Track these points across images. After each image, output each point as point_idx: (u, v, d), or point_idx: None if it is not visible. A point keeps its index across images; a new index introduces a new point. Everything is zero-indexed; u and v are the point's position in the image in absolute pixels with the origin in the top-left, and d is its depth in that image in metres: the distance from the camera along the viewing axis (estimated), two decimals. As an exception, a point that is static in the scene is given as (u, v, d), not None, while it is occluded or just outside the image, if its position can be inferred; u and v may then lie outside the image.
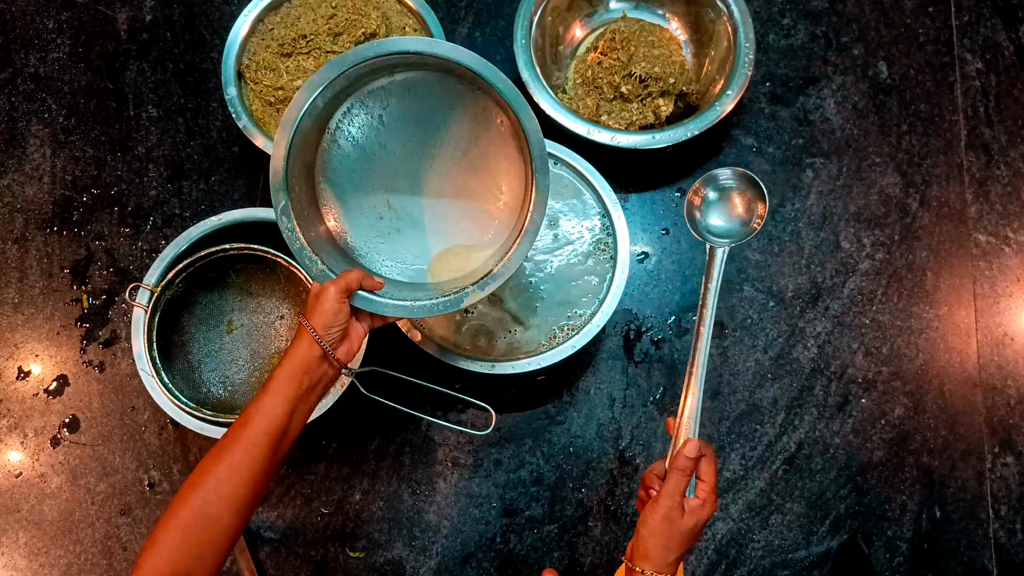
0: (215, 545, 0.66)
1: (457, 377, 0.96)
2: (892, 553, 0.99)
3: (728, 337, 1.06)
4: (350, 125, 0.83)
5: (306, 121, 0.77)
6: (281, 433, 0.70)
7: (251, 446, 0.68)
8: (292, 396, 0.71)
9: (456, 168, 0.87)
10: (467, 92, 0.82)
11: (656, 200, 1.11)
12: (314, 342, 0.72)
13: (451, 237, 0.88)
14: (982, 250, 1.10)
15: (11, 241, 1.09)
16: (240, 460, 0.68)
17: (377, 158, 0.85)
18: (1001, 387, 1.05)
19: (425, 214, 0.88)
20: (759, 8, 1.19)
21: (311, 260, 0.78)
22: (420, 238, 0.88)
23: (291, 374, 0.72)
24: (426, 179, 0.87)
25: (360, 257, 0.86)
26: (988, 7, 1.20)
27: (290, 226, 0.78)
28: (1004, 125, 1.15)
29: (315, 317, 0.73)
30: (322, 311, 0.73)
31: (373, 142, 0.84)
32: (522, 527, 0.99)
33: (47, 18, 1.19)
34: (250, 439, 0.69)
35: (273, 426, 0.70)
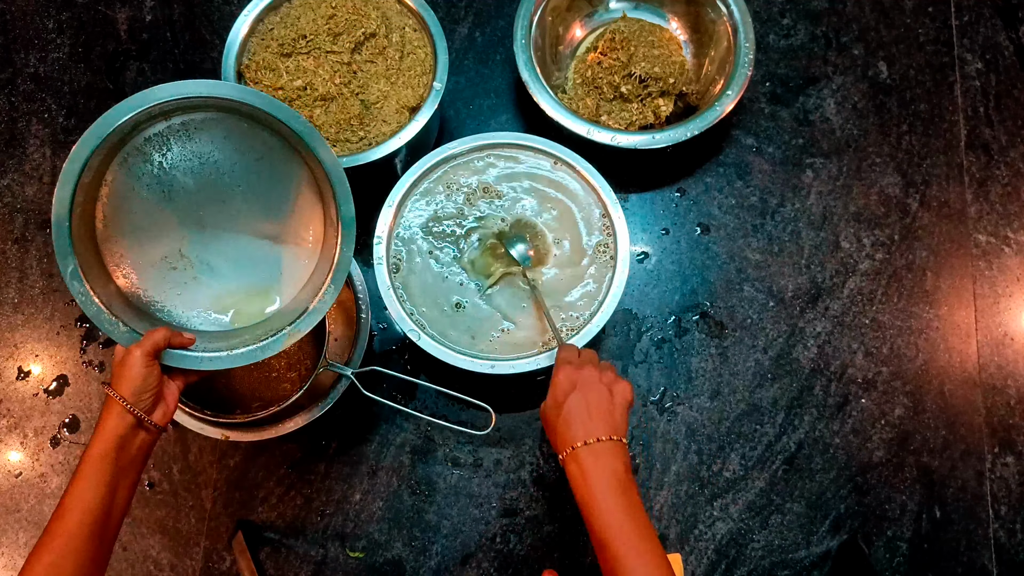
0: None
1: (457, 377, 0.96)
2: (892, 553, 0.99)
3: (728, 337, 1.06)
4: (128, 175, 0.78)
5: (86, 176, 0.73)
6: (104, 518, 0.66)
7: (71, 538, 0.64)
8: (108, 476, 0.67)
9: (250, 209, 0.84)
10: (252, 131, 0.80)
11: (656, 200, 1.11)
12: (125, 411, 0.69)
13: (251, 279, 0.86)
14: (982, 250, 1.10)
15: (11, 241, 1.09)
16: (62, 557, 0.63)
17: (162, 206, 0.81)
18: (1001, 387, 1.05)
19: (222, 259, 0.85)
20: (759, 8, 1.19)
21: (111, 324, 0.74)
22: (220, 285, 0.85)
23: (103, 452, 0.67)
24: (219, 223, 0.84)
25: (160, 312, 0.82)
26: (988, 7, 1.20)
27: (83, 290, 0.73)
28: (1004, 125, 1.15)
29: (123, 384, 0.70)
30: (130, 377, 0.70)
31: (155, 190, 0.80)
32: (522, 527, 0.99)
33: (47, 18, 1.19)
34: (70, 531, 0.64)
35: (92, 515, 0.65)
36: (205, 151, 0.81)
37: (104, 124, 0.72)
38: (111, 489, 0.67)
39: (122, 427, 0.69)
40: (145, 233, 0.81)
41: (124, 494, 0.69)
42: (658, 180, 1.12)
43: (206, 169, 0.82)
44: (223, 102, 0.76)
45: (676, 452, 1.02)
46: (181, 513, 1.00)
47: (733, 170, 1.12)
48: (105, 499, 0.67)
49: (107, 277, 0.79)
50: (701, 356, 1.05)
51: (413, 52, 1.03)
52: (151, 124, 0.77)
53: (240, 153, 0.82)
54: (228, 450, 1.01)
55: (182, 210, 0.82)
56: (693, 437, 1.02)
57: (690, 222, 1.10)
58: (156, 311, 0.82)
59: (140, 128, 0.77)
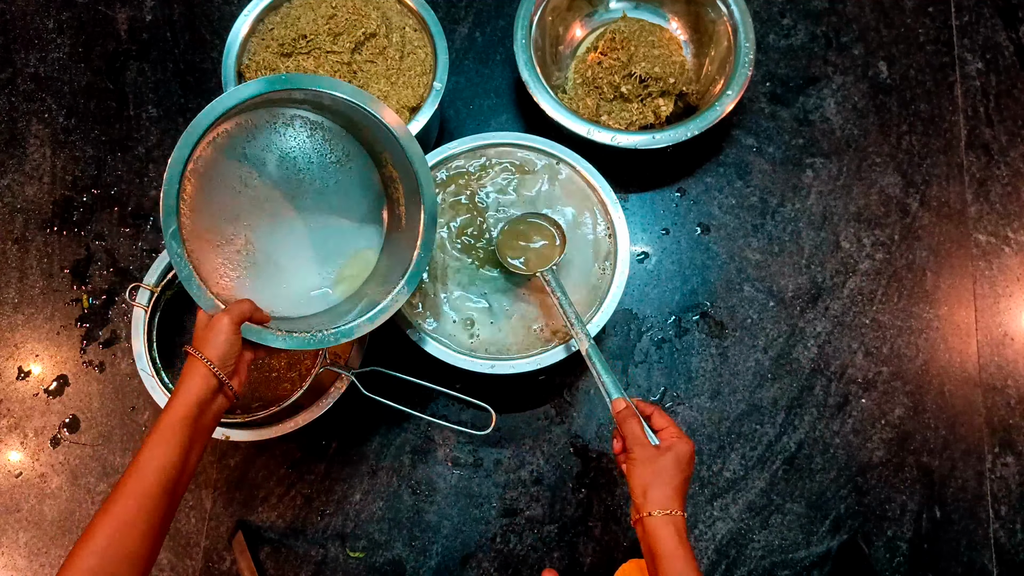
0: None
1: (457, 377, 0.96)
2: (892, 553, 0.99)
3: (728, 337, 1.06)
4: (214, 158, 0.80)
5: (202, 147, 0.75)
6: (176, 478, 0.67)
7: (145, 498, 0.64)
8: (185, 439, 0.67)
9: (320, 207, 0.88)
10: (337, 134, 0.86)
11: (656, 200, 1.11)
12: (210, 375, 0.69)
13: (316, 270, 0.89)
14: (982, 250, 1.10)
15: (11, 241, 1.09)
16: (135, 515, 0.63)
17: (237, 192, 0.82)
18: (1001, 387, 1.05)
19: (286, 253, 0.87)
20: (759, 8, 1.19)
21: (199, 288, 0.74)
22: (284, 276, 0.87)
23: (185, 415, 0.68)
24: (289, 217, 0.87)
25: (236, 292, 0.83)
26: (988, 7, 1.20)
27: (179, 252, 0.73)
28: (1004, 125, 1.15)
29: (208, 349, 0.70)
30: (216, 343, 0.70)
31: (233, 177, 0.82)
32: (522, 527, 0.99)
33: (47, 18, 1.19)
34: (144, 492, 0.64)
35: (166, 475, 0.66)
36: (288, 146, 0.84)
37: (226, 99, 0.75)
38: (185, 451, 0.68)
39: (205, 390, 0.69)
40: (219, 216, 0.82)
41: (195, 458, 0.70)
42: (658, 180, 1.12)
43: (285, 164, 0.84)
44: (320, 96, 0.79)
45: (676, 452, 1.02)
46: (181, 513, 1.00)
47: (733, 170, 1.12)
48: (179, 461, 0.67)
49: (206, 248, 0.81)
50: (701, 356, 1.05)
51: (413, 52, 1.03)
52: (244, 113, 0.80)
53: (320, 154, 0.86)
54: (228, 450, 1.01)
55: (255, 199, 0.84)
56: (693, 437, 1.02)
57: (690, 222, 1.10)
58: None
59: (230, 115, 0.78)
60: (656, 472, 0.73)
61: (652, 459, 0.74)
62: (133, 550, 0.63)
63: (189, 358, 0.71)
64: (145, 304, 0.89)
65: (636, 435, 0.76)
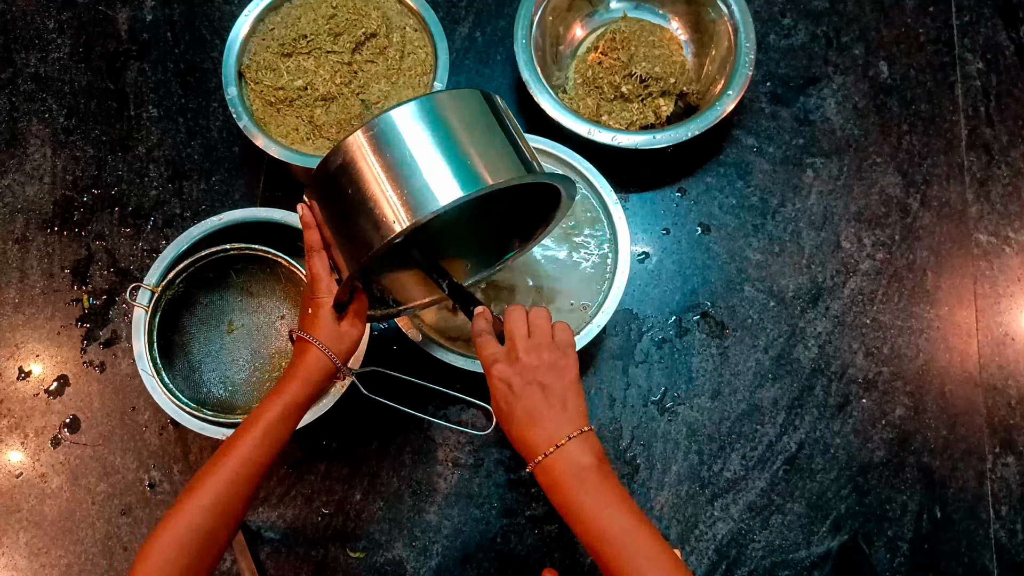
0: (208, 563, 0.65)
1: (457, 377, 0.96)
2: (893, 553, 0.99)
3: (728, 337, 1.06)
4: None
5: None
6: (281, 452, 0.71)
7: (257, 466, 0.68)
8: (299, 419, 0.72)
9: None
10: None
11: (656, 200, 1.11)
12: (331, 365, 0.72)
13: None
14: (983, 250, 1.10)
15: (11, 241, 1.09)
16: (245, 479, 0.67)
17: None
18: (1002, 387, 1.05)
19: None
20: (759, 8, 1.19)
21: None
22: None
23: (306, 400, 0.72)
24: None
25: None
26: (989, 7, 1.20)
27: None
28: (1005, 125, 1.15)
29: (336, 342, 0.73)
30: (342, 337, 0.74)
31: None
32: (523, 527, 0.99)
33: (47, 18, 1.19)
34: (259, 460, 0.68)
35: (279, 449, 0.70)
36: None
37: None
38: (295, 426, 0.72)
39: (326, 381, 0.73)
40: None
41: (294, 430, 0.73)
42: (659, 180, 1.12)
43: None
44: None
45: (676, 452, 1.02)
46: (181, 513, 1.00)
47: (734, 170, 1.12)
48: (289, 438, 0.71)
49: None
50: (702, 356, 1.05)
51: (414, 52, 1.03)
52: None
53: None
54: (228, 450, 1.01)
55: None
56: (694, 437, 1.02)
57: (691, 222, 1.10)
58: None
59: None
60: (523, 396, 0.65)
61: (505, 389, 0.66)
62: (234, 511, 0.67)
63: (309, 347, 0.73)
64: (146, 304, 0.89)
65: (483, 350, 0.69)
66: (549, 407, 0.65)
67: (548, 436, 0.64)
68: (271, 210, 0.95)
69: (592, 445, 0.64)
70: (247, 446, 0.68)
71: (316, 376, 0.72)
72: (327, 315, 0.73)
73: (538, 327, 0.69)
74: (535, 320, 0.69)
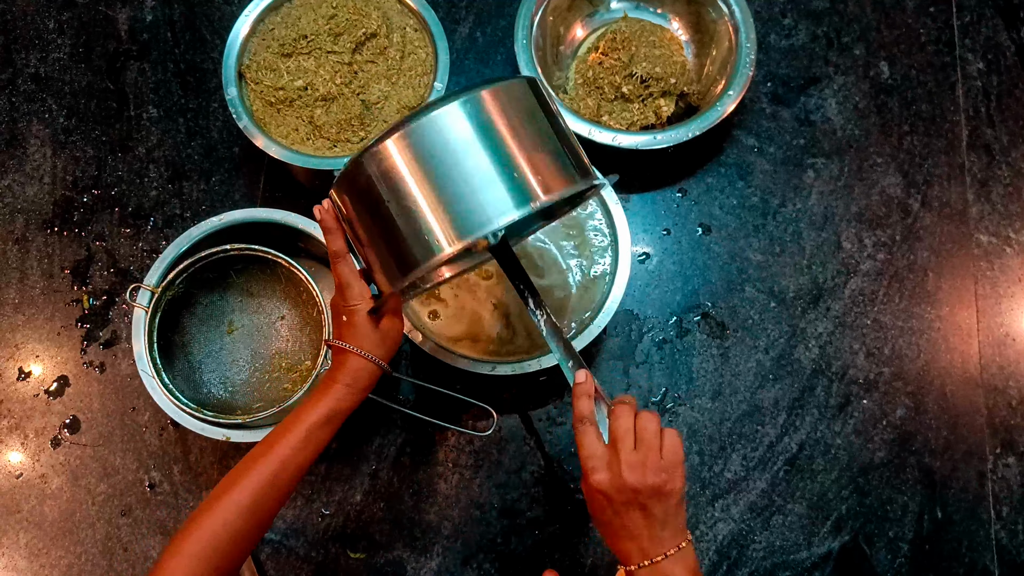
0: (237, 563, 0.64)
1: (457, 378, 0.96)
2: (893, 554, 0.99)
3: (729, 338, 1.05)
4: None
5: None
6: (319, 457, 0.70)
7: (296, 468, 0.67)
8: (339, 425, 0.71)
9: None
10: None
11: (657, 200, 1.11)
12: (377, 371, 0.71)
13: None
14: (984, 250, 1.10)
15: (11, 241, 1.09)
16: (284, 483, 0.66)
17: None
18: (1003, 388, 1.05)
19: None
20: (760, 8, 1.19)
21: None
22: None
23: (350, 408, 0.71)
24: None
25: None
26: (989, 7, 1.20)
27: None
28: (1006, 125, 1.15)
29: (378, 348, 0.71)
30: (386, 343, 0.71)
31: None
32: (523, 528, 0.99)
33: (47, 18, 1.19)
34: (299, 464, 0.67)
35: (318, 454, 0.69)
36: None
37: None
38: (331, 437, 0.71)
39: (369, 382, 0.71)
40: None
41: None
42: (659, 180, 1.12)
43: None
44: None
45: (677, 453, 1.01)
46: (182, 514, 1.00)
47: (734, 170, 1.12)
48: (328, 443, 0.70)
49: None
50: (702, 357, 1.05)
51: (414, 52, 1.03)
52: None
53: None
54: (229, 451, 1.01)
55: None
56: (694, 438, 1.02)
57: (691, 222, 1.10)
58: None
59: None
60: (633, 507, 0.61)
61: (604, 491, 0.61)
62: (271, 511, 0.66)
63: (351, 356, 0.70)
64: (145, 305, 0.89)
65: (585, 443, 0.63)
66: (648, 527, 0.61)
67: (643, 551, 0.61)
68: (271, 211, 0.95)
69: (688, 563, 0.62)
70: (289, 448, 0.67)
71: (363, 383, 0.70)
72: (364, 321, 0.69)
73: (645, 440, 0.63)
74: (644, 428, 0.63)
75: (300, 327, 0.97)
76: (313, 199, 1.08)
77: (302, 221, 0.95)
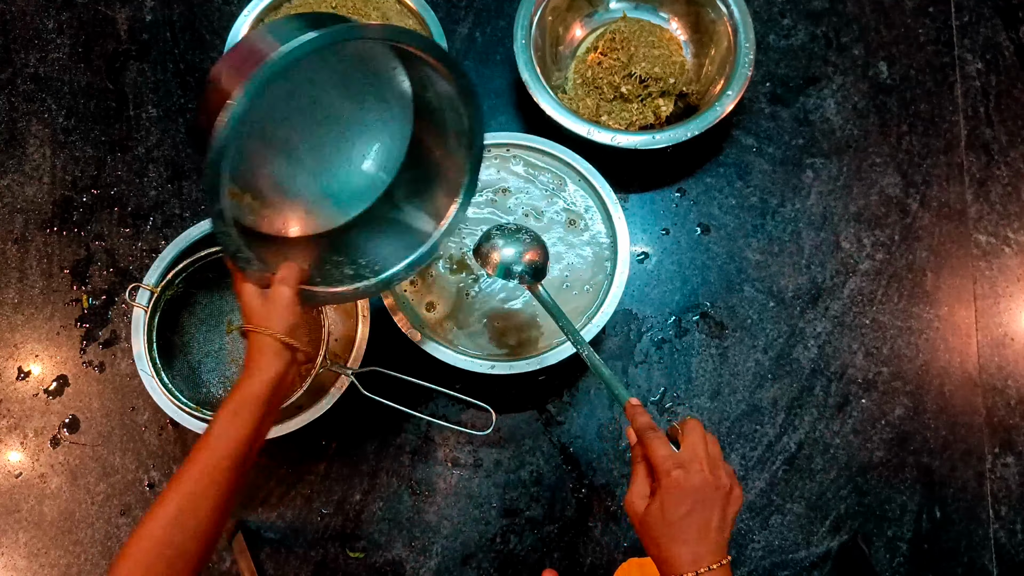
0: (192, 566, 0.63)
1: (457, 377, 0.96)
2: (892, 553, 0.99)
3: (728, 337, 1.06)
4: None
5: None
6: (246, 452, 0.67)
7: (217, 472, 0.64)
8: (260, 414, 0.67)
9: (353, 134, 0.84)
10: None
11: (656, 200, 1.11)
12: (283, 348, 0.69)
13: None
14: (982, 250, 1.10)
15: (11, 241, 1.09)
16: (207, 488, 0.64)
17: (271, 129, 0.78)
18: (1001, 387, 1.05)
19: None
20: (759, 8, 1.19)
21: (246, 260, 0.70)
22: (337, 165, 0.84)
23: (261, 392, 0.67)
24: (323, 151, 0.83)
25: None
26: (988, 7, 1.20)
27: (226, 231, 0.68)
28: (1004, 125, 1.15)
29: (275, 321, 0.69)
30: (283, 315, 0.69)
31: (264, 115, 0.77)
32: (522, 527, 0.99)
33: (47, 18, 1.19)
34: (214, 466, 0.65)
35: (238, 450, 0.66)
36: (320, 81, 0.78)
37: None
38: (258, 426, 0.67)
39: (281, 366, 0.69)
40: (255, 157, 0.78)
41: (266, 430, 0.70)
42: (658, 180, 1.12)
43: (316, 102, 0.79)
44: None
45: (676, 452, 1.02)
46: (181, 513, 1.00)
47: (733, 170, 1.12)
48: (252, 436, 0.67)
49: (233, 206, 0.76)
50: (701, 356, 1.05)
51: (413, 52, 1.03)
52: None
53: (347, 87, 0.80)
54: (228, 450, 1.01)
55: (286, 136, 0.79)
56: (693, 437, 1.02)
57: (690, 222, 1.10)
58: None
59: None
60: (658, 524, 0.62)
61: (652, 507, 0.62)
62: (201, 524, 0.63)
63: (253, 336, 0.69)
64: (145, 304, 0.89)
65: (635, 473, 0.64)
66: (707, 531, 0.62)
67: (694, 558, 0.62)
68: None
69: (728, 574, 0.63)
70: (203, 453, 0.65)
71: (264, 361, 0.68)
72: (252, 297, 0.70)
73: (714, 453, 0.65)
74: (712, 441, 0.66)
75: (299, 327, 0.97)
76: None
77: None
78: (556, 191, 1.00)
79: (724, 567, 0.62)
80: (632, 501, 0.65)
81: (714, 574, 0.61)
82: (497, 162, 1.00)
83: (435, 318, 0.96)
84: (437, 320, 0.96)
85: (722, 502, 0.63)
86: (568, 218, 0.99)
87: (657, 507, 0.63)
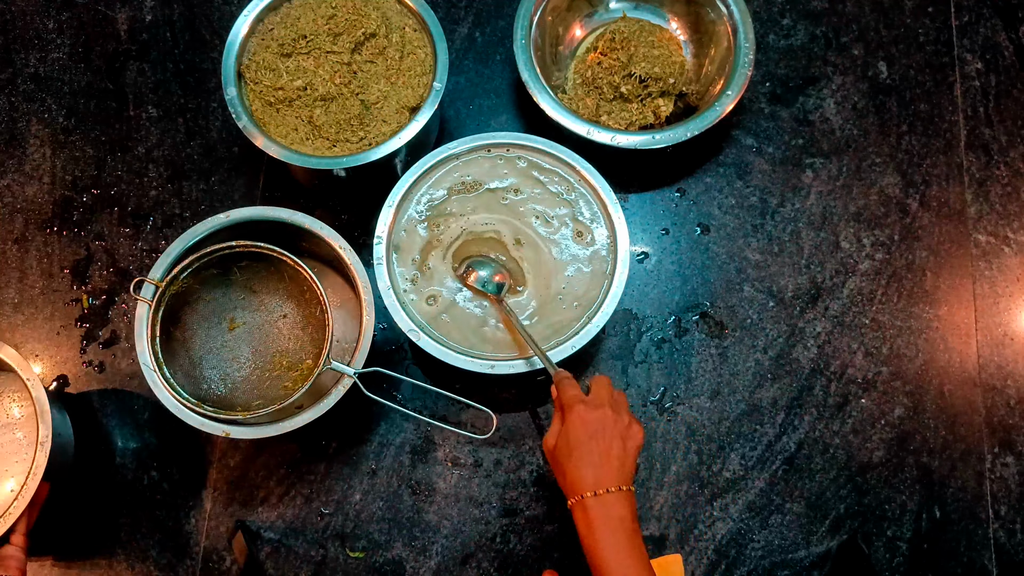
0: None
1: (457, 377, 0.96)
2: (892, 553, 0.99)
3: (728, 337, 1.06)
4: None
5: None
6: None
7: None
8: None
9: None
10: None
11: (656, 200, 1.11)
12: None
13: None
14: (982, 250, 1.10)
15: (11, 241, 1.09)
16: None
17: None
18: (1001, 387, 1.05)
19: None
20: (759, 8, 1.19)
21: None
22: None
23: None
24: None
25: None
26: (988, 7, 1.20)
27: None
28: (1004, 125, 1.15)
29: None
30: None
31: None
32: (522, 527, 0.99)
33: (47, 18, 1.19)
34: None
35: None
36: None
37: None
38: None
39: None
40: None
41: None
42: (658, 180, 1.12)
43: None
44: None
45: (676, 452, 1.02)
46: (181, 513, 1.00)
47: (733, 170, 1.12)
48: None
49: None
50: (701, 356, 1.05)
51: (413, 52, 1.03)
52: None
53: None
54: (228, 450, 1.01)
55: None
56: (693, 437, 1.02)
57: (690, 222, 1.10)
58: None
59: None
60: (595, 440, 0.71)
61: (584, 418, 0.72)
62: None
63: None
64: (149, 299, 0.89)
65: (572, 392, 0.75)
66: (607, 459, 0.71)
67: (596, 480, 0.69)
68: (278, 209, 0.95)
69: (631, 504, 0.70)
70: None
71: None
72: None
73: (619, 399, 0.77)
74: (618, 393, 0.78)
75: (302, 326, 0.97)
76: (312, 199, 1.09)
77: (308, 220, 0.95)
78: (564, 194, 1.00)
79: (625, 492, 0.69)
80: (546, 440, 0.76)
81: (614, 496, 0.68)
82: (497, 162, 1.00)
83: (436, 311, 0.95)
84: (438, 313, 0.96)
85: (622, 433, 0.72)
86: (568, 218, 0.99)
87: (563, 437, 0.73)
